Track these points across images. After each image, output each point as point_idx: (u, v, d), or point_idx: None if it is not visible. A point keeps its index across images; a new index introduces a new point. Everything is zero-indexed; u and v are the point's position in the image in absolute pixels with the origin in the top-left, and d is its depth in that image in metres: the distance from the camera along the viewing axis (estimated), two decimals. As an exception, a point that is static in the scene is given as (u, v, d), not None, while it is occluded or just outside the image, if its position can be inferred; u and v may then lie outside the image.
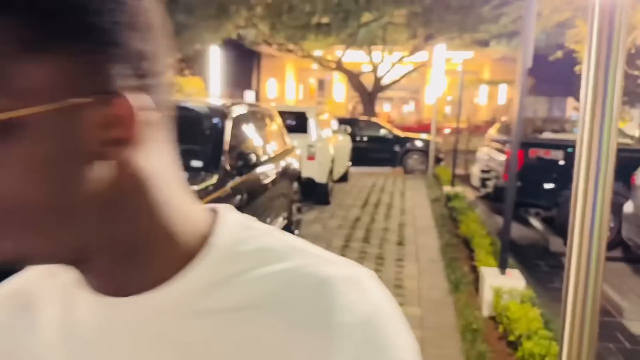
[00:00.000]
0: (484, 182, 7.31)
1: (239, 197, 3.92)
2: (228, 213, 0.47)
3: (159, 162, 0.41)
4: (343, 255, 3.18)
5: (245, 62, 28.24)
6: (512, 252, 5.55)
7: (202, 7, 15.45)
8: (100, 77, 0.36)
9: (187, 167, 3.79)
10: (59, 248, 0.38)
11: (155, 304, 0.42)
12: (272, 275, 0.42)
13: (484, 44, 16.57)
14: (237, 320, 0.41)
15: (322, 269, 0.43)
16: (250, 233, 0.45)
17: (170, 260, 0.42)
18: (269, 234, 0.46)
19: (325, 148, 7.84)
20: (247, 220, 0.47)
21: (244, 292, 0.42)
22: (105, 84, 0.37)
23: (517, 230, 6.66)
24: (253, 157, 4.10)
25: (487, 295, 3.88)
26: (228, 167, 3.91)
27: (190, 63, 24.67)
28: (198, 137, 4.31)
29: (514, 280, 3.92)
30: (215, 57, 11.71)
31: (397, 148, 12.37)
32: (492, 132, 8.55)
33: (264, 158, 4.76)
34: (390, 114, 30.82)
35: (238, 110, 4.56)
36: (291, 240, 0.47)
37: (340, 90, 30.57)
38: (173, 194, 0.42)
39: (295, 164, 5.97)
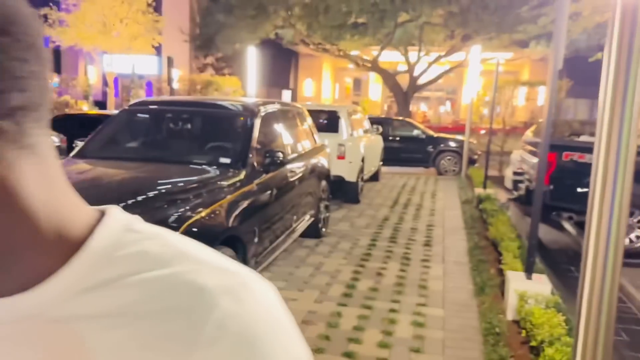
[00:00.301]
0: (516, 184, 7.18)
1: (265, 194, 4.00)
2: (113, 215, 0.46)
3: (23, 169, 0.39)
4: (368, 254, 3.25)
5: (283, 62, 28.56)
6: (542, 256, 5.45)
7: (241, 8, 15.72)
8: None
9: (216, 164, 3.92)
10: None
11: (19, 308, 0.41)
12: (148, 282, 0.41)
13: (524, 44, 16.22)
14: (102, 329, 0.40)
15: (202, 277, 0.42)
16: (133, 236, 0.44)
17: (41, 264, 0.41)
18: (153, 238, 0.45)
19: (355, 147, 7.87)
20: (133, 223, 0.46)
21: (114, 298, 0.41)
22: None
23: (549, 234, 6.52)
24: (280, 155, 4.17)
25: (511, 299, 3.84)
26: (255, 165, 3.99)
27: (229, 62, 25.12)
28: (227, 134, 4.42)
29: (540, 285, 3.85)
30: (252, 57, 11.88)
31: (430, 148, 12.26)
32: (529, 134, 8.37)
33: (292, 156, 4.83)
34: (426, 114, 30.54)
35: (267, 109, 4.64)
36: (178, 244, 0.45)
37: (376, 90, 30.47)
38: (46, 198, 0.41)
39: (324, 163, 6.02)
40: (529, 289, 3.76)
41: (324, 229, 5.95)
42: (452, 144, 12.19)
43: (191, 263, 0.43)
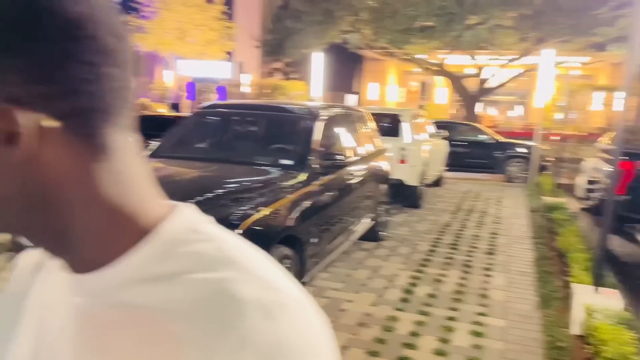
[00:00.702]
0: (589, 193, 6.83)
1: (325, 195, 4.07)
2: (183, 213, 0.47)
3: (91, 165, 0.42)
4: (428, 260, 3.25)
5: (348, 66, 28.69)
6: (617, 271, 5.16)
7: (309, 14, 16.01)
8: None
9: (278, 165, 4.05)
10: (3, 228, 0.44)
11: (84, 285, 0.44)
12: (192, 283, 0.42)
13: (601, 47, 15.36)
14: (142, 321, 0.42)
15: (241, 288, 0.42)
16: (193, 236, 0.45)
17: (107, 250, 0.44)
18: (210, 240, 0.46)
19: (417, 151, 7.78)
20: (199, 222, 0.47)
21: (161, 294, 0.42)
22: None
23: (624, 248, 6.15)
24: (340, 158, 4.23)
25: (577, 313, 3.67)
26: (316, 166, 4.08)
27: (297, 67, 25.59)
28: (289, 136, 4.55)
29: (609, 299, 3.66)
30: (318, 61, 12.07)
31: (497, 154, 11.85)
32: (605, 140, 7.94)
33: (352, 159, 4.87)
34: (495, 118, 29.60)
35: (329, 113, 4.72)
36: (232, 249, 0.45)
37: (442, 94, 29.88)
38: (114, 192, 0.43)
39: (384, 166, 6.02)
40: (596, 303, 3.58)
41: (383, 233, 5.94)
42: (521, 150, 11.73)
43: (237, 271, 0.43)
